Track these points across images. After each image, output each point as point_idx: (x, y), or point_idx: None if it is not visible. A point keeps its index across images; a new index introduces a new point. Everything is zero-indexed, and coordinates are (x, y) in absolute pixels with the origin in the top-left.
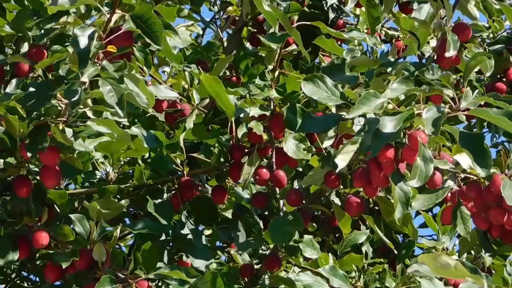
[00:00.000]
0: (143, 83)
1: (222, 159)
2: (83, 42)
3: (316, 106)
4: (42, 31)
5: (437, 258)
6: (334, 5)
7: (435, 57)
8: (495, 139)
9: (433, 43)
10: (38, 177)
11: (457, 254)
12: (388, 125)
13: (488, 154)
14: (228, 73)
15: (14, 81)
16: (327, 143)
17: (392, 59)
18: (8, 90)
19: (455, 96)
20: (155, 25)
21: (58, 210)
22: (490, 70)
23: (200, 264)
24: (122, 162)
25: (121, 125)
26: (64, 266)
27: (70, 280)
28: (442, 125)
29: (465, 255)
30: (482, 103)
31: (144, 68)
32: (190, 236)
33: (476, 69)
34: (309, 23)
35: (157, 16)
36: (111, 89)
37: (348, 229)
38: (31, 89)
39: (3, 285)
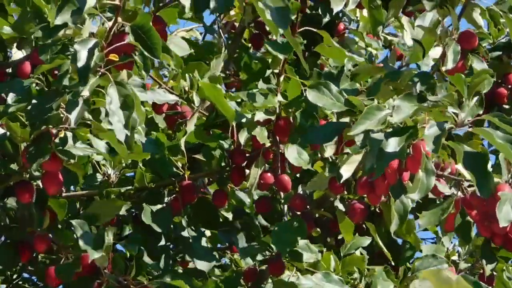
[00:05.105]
0: (139, 102)
1: (223, 164)
2: (83, 57)
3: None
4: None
5: (438, 274)
6: None
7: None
8: None
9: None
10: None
11: (457, 254)
12: (391, 144)
13: (491, 179)
14: (228, 72)
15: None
16: (329, 153)
17: (391, 65)
18: (9, 99)
19: (459, 112)
20: (154, 37)
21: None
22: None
23: (202, 266)
24: (124, 165)
25: None
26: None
27: (72, 286)
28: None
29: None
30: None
31: (143, 73)
32: (190, 239)
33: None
34: (314, 30)
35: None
36: (120, 120)
37: (351, 236)
38: (34, 101)
39: (4, 286)
